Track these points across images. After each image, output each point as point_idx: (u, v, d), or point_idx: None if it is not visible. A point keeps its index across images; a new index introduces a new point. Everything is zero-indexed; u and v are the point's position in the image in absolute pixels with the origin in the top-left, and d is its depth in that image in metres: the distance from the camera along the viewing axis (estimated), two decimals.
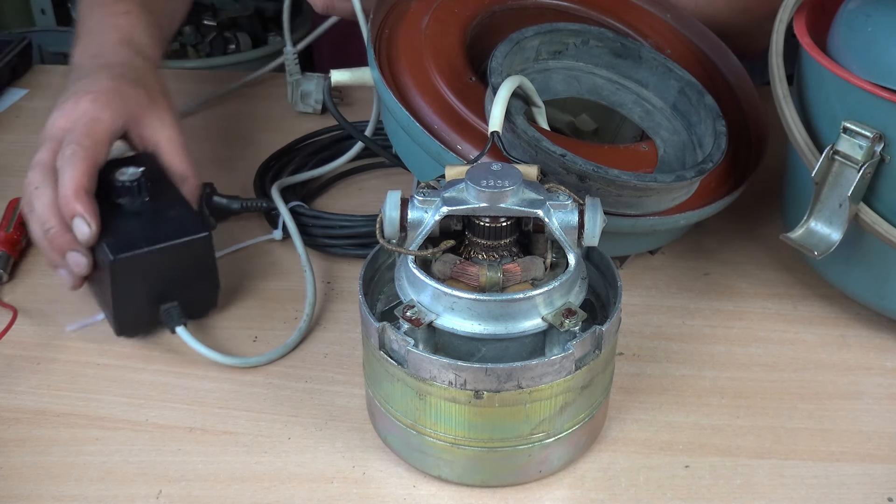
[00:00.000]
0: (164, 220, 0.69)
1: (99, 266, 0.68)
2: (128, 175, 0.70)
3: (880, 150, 0.63)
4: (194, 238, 0.68)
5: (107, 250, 0.66)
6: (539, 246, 0.60)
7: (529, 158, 0.64)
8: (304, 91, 0.99)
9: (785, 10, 0.69)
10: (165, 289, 0.68)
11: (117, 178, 0.69)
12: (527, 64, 0.73)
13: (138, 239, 0.67)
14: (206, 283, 0.71)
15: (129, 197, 0.69)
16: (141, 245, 0.66)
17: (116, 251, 0.66)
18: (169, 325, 0.68)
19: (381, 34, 0.75)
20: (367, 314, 0.57)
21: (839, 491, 0.60)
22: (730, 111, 0.76)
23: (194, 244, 0.68)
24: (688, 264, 0.80)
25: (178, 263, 0.68)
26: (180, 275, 0.69)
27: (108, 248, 0.66)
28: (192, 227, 0.69)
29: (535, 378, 0.55)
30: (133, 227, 0.68)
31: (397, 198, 0.58)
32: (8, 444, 0.63)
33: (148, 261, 0.67)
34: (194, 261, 0.69)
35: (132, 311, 0.69)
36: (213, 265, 0.71)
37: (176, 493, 0.60)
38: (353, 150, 0.88)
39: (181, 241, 0.67)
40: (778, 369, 0.70)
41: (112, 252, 0.66)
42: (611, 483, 0.61)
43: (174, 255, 0.68)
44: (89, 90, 0.73)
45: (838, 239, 0.65)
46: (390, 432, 0.61)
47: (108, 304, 0.69)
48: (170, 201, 0.71)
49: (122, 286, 0.67)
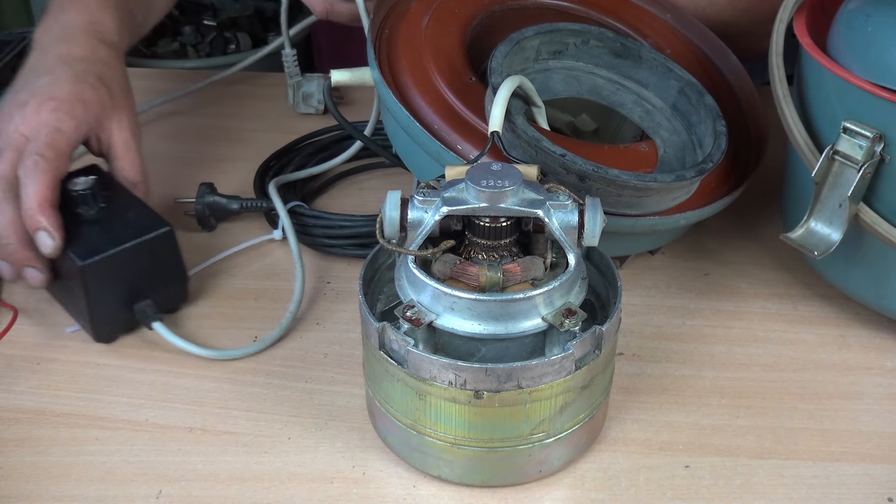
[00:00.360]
0: (124, 222, 0.70)
1: (67, 276, 0.69)
2: (81, 184, 0.70)
3: (880, 150, 0.63)
4: (157, 234, 0.69)
5: (73, 258, 0.67)
6: (539, 246, 0.60)
7: (529, 158, 0.64)
8: (306, 92, 0.99)
9: (785, 10, 0.69)
10: (136, 288, 0.69)
11: (72, 188, 0.70)
12: (527, 64, 0.73)
13: (102, 243, 0.68)
14: (175, 277, 0.73)
15: (86, 205, 0.70)
16: (106, 248, 0.68)
17: (83, 257, 0.67)
18: (145, 323, 0.69)
19: (381, 34, 0.75)
20: (367, 314, 0.57)
21: (839, 491, 0.60)
22: (730, 111, 0.76)
23: (157, 240, 0.70)
24: (688, 264, 0.80)
25: (144, 261, 0.69)
26: (148, 272, 0.70)
27: (75, 255, 0.67)
28: (152, 224, 0.70)
29: (535, 378, 0.55)
30: (95, 234, 0.69)
31: (397, 198, 0.58)
32: (8, 444, 0.63)
33: (115, 262, 0.68)
34: (160, 256, 0.71)
35: (107, 314, 0.69)
36: (178, 258, 0.72)
37: (176, 493, 0.60)
38: (352, 150, 0.88)
39: (144, 238, 0.69)
40: (778, 369, 0.70)
41: (79, 259, 0.67)
42: (611, 483, 0.61)
43: (140, 254, 0.69)
44: (52, 96, 0.72)
45: (838, 239, 0.65)
46: (390, 432, 0.61)
47: (82, 312, 0.70)
48: (126, 204, 0.72)
49: (94, 291, 0.68)
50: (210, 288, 0.76)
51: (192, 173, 0.90)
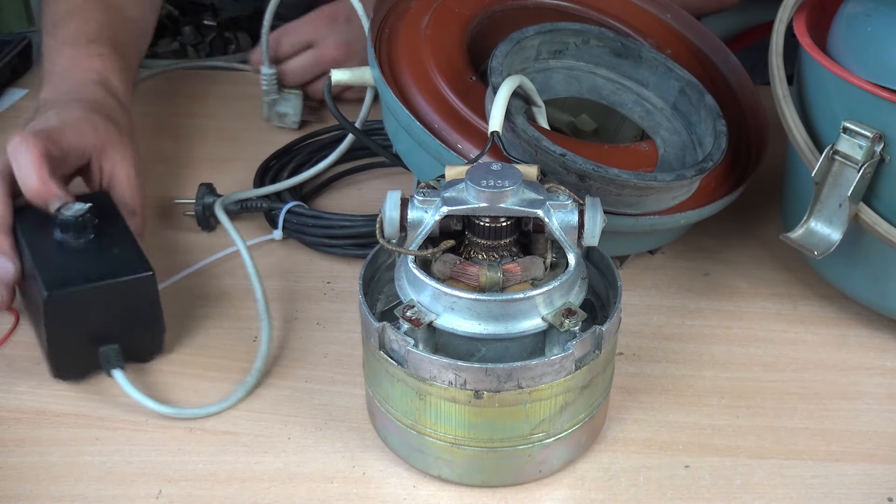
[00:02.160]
0: (106, 258, 0.66)
1: (36, 303, 0.64)
2: (73, 210, 0.66)
3: (880, 150, 0.63)
4: (136, 277, 0.65)
5: (41, 286, 0.63)
6: (539, 246, 0.60)
7: (529, 158, 0.64)
8: (281, 112, 0.97)
9: (785, 10, 0.69)
10: (104, 330, 0.65)
11: (62, 212, 0.66)
12: (527, 63, 0.73)
13: (76, 276, 0.64)
14: (149, 326, 0.67)
15: (74, 232, 0.66)
16: (77, 282, 0.63)
17: (51, 287, 0.63)
18: (105, 368, 0.65)
19: (381, 34, 0.75)
20: (367, 314, 0.57)
21: (839, 491, 0.60)
22: (730, 111, 0.76)
23: (135, 283, 0.65)
24: (688, 264, 0.80)
25: (117, 303, 0.65)
26: (120, 316, 0.65)
27: (44, 284, 0.63)
28: (134, 265, 0.65)
29: (535, 378, 0.55)
30: (73, 264, 0.65)
31: (397, 198, 0.58)
32: (8, 444, 0.63)
33: (84, 299, 0.63)
34: (136, 301, 0.65)
35: (67, 351, 0.65)
36: (156, 307, 0.67)
37: (176, 493, 0.60)
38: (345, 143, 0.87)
39: (121, 279, 0.64)
40: (778, 369, 0.70)
41: (46, 288, 0.63)
42: (611, 483, 0.61)
43: (113, 295, 0.64)
44: (61, 119, 0.72)
45: (838, 239, 0.65)
46: (390, 432, 0.61)
47: (42, 342, 0.66)
48: (115, 239, 0.68)
49: (55, 324, 0.64)
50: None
51: (191, 173, 0.90)
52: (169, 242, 0.81)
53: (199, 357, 0.70)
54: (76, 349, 0.65)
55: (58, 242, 0.67)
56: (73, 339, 0.65)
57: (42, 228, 0.67)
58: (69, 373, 0.67)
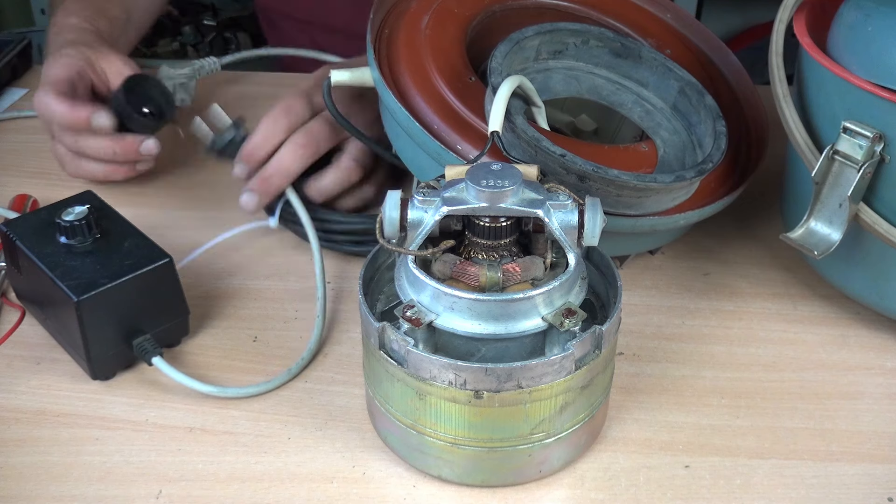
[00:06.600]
0: (121, 253, 0.67)
1: (62, 310, 0.65)
2: (74, 214, 0.67)
3: (880, 150, 0.63)
4: (156, 266, 0.66)
5: (68, 293, 0.63)
6: (539, 246, 0.60)
7: (529, 158, 0.64)
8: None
9: (785, 10, 0.69)
10: (135, 322, 0.66)
11: (63, 218, 0.67)
12: (527, 64, 0.73)
13: (99, 276, 0.64)
14: (175, 310, 0.69)
15: (80, 236, 0.67)
16: (103, 282, 0.64)
17: (79, 292, 0.63)
18: (145, 358, 0.66)
19: (381, 34, 0.75)
20: (367, 314, 0.57)
21: (839, 491, 0.60)
22: (730, 111, 0.76)
23: (156, 272, 0.66)
24: (688, 264, 0.80)
25: (143, 294, 0.66)
26: (148, 305, 0.67)
27: (70, 290, 0.63)
28: (150, 255, 0.67)
29: (535, 378, 0.55)
30: (91, 266, 0.66)
31: (397, 198, 0.58)
32: (8, 444, 0.63)
33: (113, 297, 0.64)
34: (159, 289, 0.67)
35: (105, 351, 0.66)
36: (178, 289, 0.68)
37: (176, 493, 0.60)
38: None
39: (143, 271, 0.65)
40: (778, 369, 0.70)
41: (74, 294, 0.63)
42: (611, 483, 0.61)
43: (138, 287, 0.65)
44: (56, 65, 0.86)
45: (838, 239, 0.65)
46: (390, 432, 0.61)
47: (78, 348, 0.66)
48: (122, 234, 0.69)
49: (90, 327, 0.64)
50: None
51: (190, 174, 0.90)
52: None
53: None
54: (112, 347, 0.66)
55: (66, 247, 0.67)
56: (108, 337, 0.66)
57: (43, 237, 0.68)
58: (107, 372, 0.68)
